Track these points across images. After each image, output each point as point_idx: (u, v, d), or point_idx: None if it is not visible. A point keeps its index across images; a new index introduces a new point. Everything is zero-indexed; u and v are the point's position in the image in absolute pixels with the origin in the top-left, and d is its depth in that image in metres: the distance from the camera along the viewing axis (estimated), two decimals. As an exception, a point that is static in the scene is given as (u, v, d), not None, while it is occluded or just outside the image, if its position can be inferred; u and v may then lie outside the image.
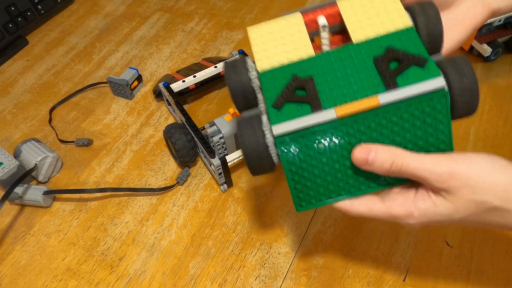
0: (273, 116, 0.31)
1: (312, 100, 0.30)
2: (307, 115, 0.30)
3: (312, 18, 0.35)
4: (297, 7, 0.81)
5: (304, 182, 0.32)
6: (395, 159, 0.29)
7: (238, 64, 0.34)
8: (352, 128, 0.30)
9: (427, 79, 0.29)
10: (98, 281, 0.48)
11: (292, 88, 0.31)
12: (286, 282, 0.47)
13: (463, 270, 0.46)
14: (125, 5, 0.87)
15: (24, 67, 0.76)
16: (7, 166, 0.55)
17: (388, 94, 0.29)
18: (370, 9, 0.33)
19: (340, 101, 0.30)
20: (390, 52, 0.31)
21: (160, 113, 0.66)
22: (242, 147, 0.31)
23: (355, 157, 0.30)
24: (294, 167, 0.31)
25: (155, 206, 0.54)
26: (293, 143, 0.30)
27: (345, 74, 0.31)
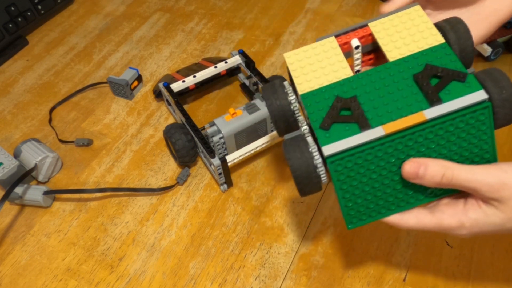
0: (322, 137, 0.31)
1: (359, 119, 0.31)
2: (355, 134, 0.31)
3: (345, 40, 0.36)
4: (297, 7, 0.82)
5: (354, 200, 0.32)
6: (445, 172, 0.30)
7: (277, 88, 0.35)
8: (400, 144, 0.31)
9: (469, 92, 0.30)
10: (98, 281, 0.48)
11: (337, 109, 0.32)
12: (286, 282, 0.47)
13: (463, 270, 0.46)
14: (125, 5, 0.87)
15: (24, 67, 0.76)
16: (7, 166, 0.55)
17: (433, 109, 0.30)
18: (402, 29, 0.35)
19: (387, 119, 0.31)
20: (429, 68, 0.32)
21: (160, 113, 0.66)
22: (291, 170, 0.32)
23: (406, 172, 0.31)
24: (345, 186, 0.32)
25: (155, 206, 0.54)
26: (343, 162, 0.31)
27: (387, 92, 0.32)
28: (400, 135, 0.30)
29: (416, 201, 0.33)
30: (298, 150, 0.32)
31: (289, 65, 0.36)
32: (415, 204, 0.33)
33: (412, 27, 0.34)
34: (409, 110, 0.31)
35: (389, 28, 0.35)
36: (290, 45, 0.74)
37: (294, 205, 0.53)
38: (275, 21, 0.80)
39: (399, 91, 0.32)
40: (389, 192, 0.32)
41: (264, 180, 0.56)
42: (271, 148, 0.59)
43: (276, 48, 0.74)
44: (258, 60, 0.72)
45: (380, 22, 0.36)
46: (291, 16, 0.80)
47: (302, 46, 0.37)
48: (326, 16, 0.79)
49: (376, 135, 0.30)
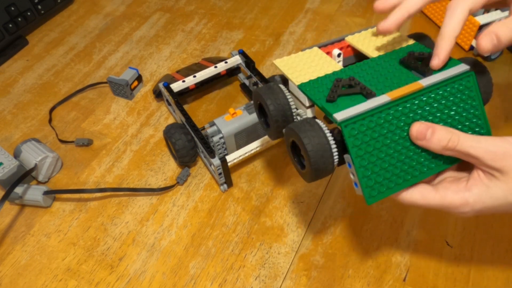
0: (331, 108, 0.33)
1: (362, 90, 0.33)
2: (362, 102, 0.32)
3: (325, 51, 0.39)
4: (297, 7, 0.82)
5: (371, 168, 0.32)
6: (451, 137, 0.31)
7: (274, 88, 0.37)
8: (406, 108, 0.33)
9: (452, 66, 0.34)
10: (98, 281, 0.48)
11: (339, 85, 0.34)
12: (286, 282, 0.47)
13: (463, 270, 0.46)
14: (125, 5, 0.87)
15: (24, 67, 0.76)
16: (7, 166, 0.55)
17: (426, 79, 0.34)
18: (378, 39, 0.39)
19: (387, 89, 0.33)
20: (412, 54, 0.36)
21: (160, 113, 0.66)
22: (308, 148, 0.31)
23: (415, 131, 0.32)
24: (361, 152, 0.32)
25: (155, 206, 0.54)
26: (357, 126, 0.32)
27: (380, 74, 0.35)
28: (404, 100, 0.33)
29: (428, 170, 0.33)
30: (312, 129, 0.32)
31: (281, 67, 0.38)
32: (428, 173, 0.33)
33: (387, 37, 0.39)
34: (406, 82, 0.34)
35: (365, 38, 0.39)
36: (290, 45, 0.74)
37: (294, 205, 0.53)
38: (275, 21, 0.80)
39: (390, 73, 0.35)
40: (403, 160, 0.33)
41: (264, 180, 0.56)
42: (271, 148, 0.59)
43: (276, 48, 0.74)
44: (258, 60, 0.72)
45: (355, 36, 0.40)
46: (291, 16, 0.80)
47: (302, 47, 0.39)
48: (326, 16, 0.79)
49: (382, 101, 0.32)
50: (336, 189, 0.54)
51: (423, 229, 0.49)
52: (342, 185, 0.54)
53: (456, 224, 0.49)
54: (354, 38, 0.40)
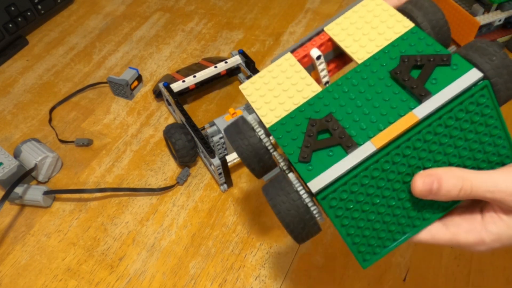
0: (304, 172, 0.26)
1: (342, 140, 0.26)
2: (342, 158, 0.26)
3: (303, 54, 0.32)
4: (297, 7, 0.82)
5: (361, 233, 0.27)
6: (463, 185, 0.26)
7: (241, 125, 0.30)
8: (398, 156, 0.26)
9: (460, 75, 0.26)
10: (98, 281, 0.48)
11: (314, 134, 0.27)
12: (286, 282, 0.46)
13: (463, 270, 0.46)
14: (125, 5, 0.87)
15: (24, 67, 0.76)
16: (7, 166, 0.55)
17: (423, 106, 0.26)
18: (362, 25, 0.30)
19: (373, 131, 0.26)
20: (406, 60, 0.27)
21: (160, 113, 0.66)
22: (279, 218, 0.27)
23: (418, 189, 0.26)
24: (346, 221, 0.27)
25: (155, 206, 0.54)
26: (337, 194, 0.26)
27: (365, 100, 0.27)
28: (395, 145, 0.26)
29: (432, 215, 0.28)
30: (282, 193, 0.27)
31: (247, 97, 0.31)
32: (431, 220, 0.28)
33: (373, 19, 0.30)
34: (396, 114, 0.26)
35: (348, 28, 0.31)
36: (290, 45, 0.74)
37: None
38: (275, 21, 0.80)
39: (378, 95, 0.27)
40: (400, 213, 0.27)
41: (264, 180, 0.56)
42: (271, 148, 0.59)
43: (276, 48, 0.74)
44: (258, 60, 0.72)
45: (335, 24, 0.31)
46: (291, 16, 0.80)
47: None
48: (326, 16, 0.79)
49: (366, 153, 0.26)
50: (336, 189, 0.54)
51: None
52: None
53: (456, 224, 0.49)
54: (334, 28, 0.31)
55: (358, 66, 0.29)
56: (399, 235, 0.28)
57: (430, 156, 0.26)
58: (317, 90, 0.29)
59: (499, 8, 0.63)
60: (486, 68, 0.26)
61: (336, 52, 0.33)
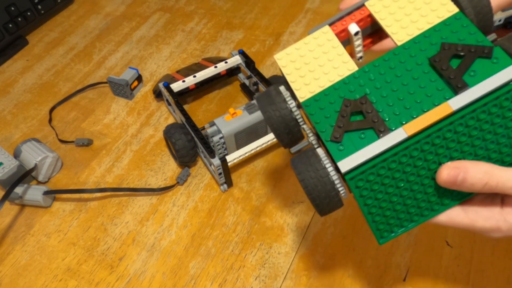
0: (335, 151, 0.27)
1: (375, 124, 0.27)
2: (373, 141, 0.26)
3: (341, 28, 0.32)
4: (297, 7, 0.82)
5: (382, 213, 0.28)
6: (488, 180, 0.26)
7: (273, 95, 0.31)
8: (427, 144, 0.26)
9: (499, 70, 0.25)
10: (98, 281, 0.48)
11: (347, 114, 0.28)
12: (286, 282, 0.47)
13: (463, 270, 0.46)
14: (125, 5, 0.87)
15: (24, 67, 0.76)
16: (7, 166, 0.55)
17: (459, 97, 0.26)
18: (405, 4, 0.30)
19: (406, 118, 0.26)
20: (447, 47, 0.27)
21: (160, 113, 0.66)
22: (306, 192, 0.28)
23: (442, 179, 0.27)
24: (369, 200, 0.28)
25: (155, 206, 0.54)
26: (365, 176, 0.27)
27: (401, 84, 0.27)
28: (426, 134, 0.26)
29: (451, 201, 0.28)
30: (311, 168, 0.28)
31: (282, 68, 0.31)
32: (450, 205, 0.28)
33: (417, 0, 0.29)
34: (431, 103, 0.26)
35: (390, 5, 0.30)
36: (290, 45, 0.74)
37: (294, 205, 0.53)
38: (275, 21, 0.80)
39: (415, 81, 0.27)
40: (421, 198, 0.28)
41: (264, 180, 0.56)
42: (271, 148, 0.59)
43: (276, 48, 0.74)
44: (258, 60, 0.72)
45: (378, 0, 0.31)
46: (291, 16, 0.80)
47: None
48: (326, 16, 0.79)
49: (397, 139, 0.26)
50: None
51: (423, 229, 0.49)
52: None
53: (456, 224, 0.49)
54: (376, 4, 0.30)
55: (397, 48, 0.29)
56: (417, 217, 0.29)
57: (458, 147, 0.27)
58: (354, 69, 0.29)
59: (499, 8, 0.63)
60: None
61: (374, 28, 0.33)
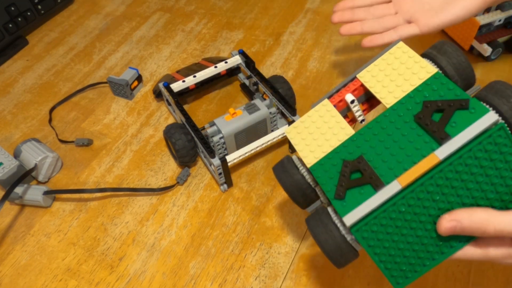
0: (339, 207, 0.31)
1: (371, 179, 0.30)
2: (372, 196, 0.30)
3: (338, 99, 0.36)
4: (297, 7, 0.82)
5: (393, 260, 0.31)
6: (486, 229, 0.27)
7: (286, 165, 0.36)
8: (422, 192, 0.29)
9: (477, 119, 0.28)
10: (98, 281, 0.48)
11: (347, 174, 0.31)
12: (286, 282, 0.47)
13: (463, 270, 0.46)
14: (125, 5, 0.87)
15: (24, 67, 0.76)
16: (7, 166, 0.55)
17: (443, 147, 0.28)
18: (390, 72, 0.34)
19: (399, 171, 0.29)
20: (428, 105, 0.30)
21: (160, 113, 0.66)
22: (320, 247, 0.32)
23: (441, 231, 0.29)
24: (378, 249, 0.30)
25: (155, 206, 0.54)
26: (369, 227, 0.30)
27: (392, 142, 0.31)
28: (419, 183, 0.29)
29: (459, 243, 0.30)
30: (321, 225, 0.32)
31: (291, 140, 0.36)
32: (458, 247, 0.30)
33: (400, 66, 0.34)
34: (420, 155, 0.29)
35: (377, 74, 0.34)
36: (290, 45, 0.74)
37: (294, 205, 0.53)
38: (275, 21, 0.80)
39: (404, 137, 0.31)
40: (427, 242, 0.30)
41: (264, 180, 0.56)
42: (271, 148, 0.59)
43: (276, 48, 0.74)
44: (258, 60, 0.72)
45: (367, 71, 0.35)
46: (291, 16, 0.80)
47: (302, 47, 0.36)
48: (326, 16, 0.79)
49: (393, 191, 0.29)
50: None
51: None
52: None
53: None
54: (366, 75, 0.35)
55: (387, 110, 0.32)
56: (429, 261, 0.30)
57: (453, 192, 0.29)
58: (351, 133, 0.33)
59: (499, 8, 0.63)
60: (504, 109, 0.29)
61: (368, 95, 0.37)
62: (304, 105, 0.63)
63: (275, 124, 0.55)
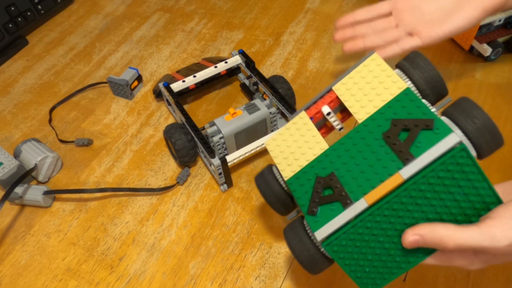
0: (312, 223, 0.33)
1: (341, 197, 0.32)
2: (340, 213, 0.31)
3: (315, 110, 0.37)
4: (297, 7, 0.82)
5: (362, 270, 0.32)
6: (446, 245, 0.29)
7: (266, 176, 0.38)
8: (388, 210, 0.30)
9: (439, 140, 0.29)
10: (98, 281, 0.48)
11: (320, 190, 0.33)
12: (286, 282, 0.47)
13: (463, 270, 0.46)
14: (125, 5, 0.87)
15: (24, 67, 0.76)
16: (7, 166, 0.55)
17: (407, 168, 0.30)
18: (364, 85, 0.35)
19: (367, 188, 0.31)
20: (396, 124, 0.32)
21: (160, 113, 0.66)
22: (295, 256, 0.34)
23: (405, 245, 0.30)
24: (348, 261, 0.32)
25: (155, 206, 0.54)
26: (339, 241, 0.32)
27: (362, 159, 0.32)
28: (385, 201, 0.30)
29: (424, 254, 0.31)
30: (296, 237, 0.34)
31: (270, 152, 0.38)
32: (424, 257, 0.31)
33: (373, 80, 0.34)
34: (386, 173, 0.30)
35: (351, 88, 0.35)
36: (290, 45, 0.74)
37: None
38: (275, 21, 0.80)
39: (373, 154, 0.32)
40: (395, 253, 0.32)
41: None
42: (271, 148, 0.59)
43: (276, 48, 0.74)
44: (258, 60, 0.72)
45: (341, 83, 0.36)
46: (291, 16, 0.80)
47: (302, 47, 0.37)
48: (326, 16, 0.79)
49: (360, 209, 0.31)
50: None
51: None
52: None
53: (456, 224, 0.49)
54: (341, 88, 0.36)
55: (358, 126, 0.34)
56: (396, 270, 0.32)
57: (418, 208, 0.30)
58: (325, 147, 0.35)
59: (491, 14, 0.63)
60: (469, 129, 0.30)
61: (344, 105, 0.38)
62: (304, 105, 0.63)
63: (275, 124, 0.55)
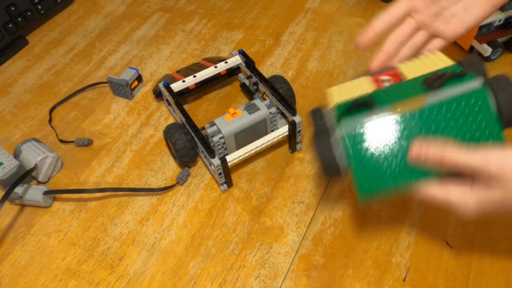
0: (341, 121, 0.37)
1: (370, 103, 0.37)
2: (366, 111, 0.36)
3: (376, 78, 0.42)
4: (297, 7, 0.82)
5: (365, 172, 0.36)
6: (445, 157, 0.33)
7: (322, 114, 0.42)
8: (405, 123, 0.35)
9: (464, 82, 0.35)
10: (98, 281, 0.48)
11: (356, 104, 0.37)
12: (286, 282, 0.47)
13: (463, 270, 0.46)
14: (125, 5, 0.87)
15: (24, 67, 0.76)
16: (7, 166, 0.55)
17: (432, 93, 0.35)
18: (421, 65, 0.41)
19: (394, 101, 0.36)
20: (435, 73, 0.37)
21: (160, 113, 0.66)
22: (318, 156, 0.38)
23: (411, 155, 0.35)
24: (358, 156, 0.36)
25: (155, 206, 0.54)
26: (358, 135, 0.36)
27: (398, 89, 0.38)
28: (405, 115, 0.35)
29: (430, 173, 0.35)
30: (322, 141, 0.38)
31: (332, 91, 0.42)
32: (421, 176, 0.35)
33: (431, 63, 0.40)
34: (413, 94, 0.36)
35: (412, 66, 0.41)
36: (290, 45, 0.74)
37: (294, 205, 0.53)
38: (275, 21, 0.80)
39: (408, 87, 0.37)
40: (404, 163, 0.35)
41: (264, 180, 0.56)
42: (271, 148, 0.59)
43: (276, 48, 0.74)
44: (258, 60, 0.72)
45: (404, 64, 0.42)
46: (291, 16, 0.80)
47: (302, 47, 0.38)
48: (326, 16, 0.79)
49: (383, 111, 0.36)
50: (336, 189, 0.54)
51: (423, 229, 0.49)
52: (342, 185, 0.54)
53: (456, 225, 0.49)
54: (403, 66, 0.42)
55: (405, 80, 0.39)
56: (401, 179, 0.36)
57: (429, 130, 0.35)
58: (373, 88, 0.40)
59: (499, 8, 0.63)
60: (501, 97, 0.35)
61: None
62: (304, 105, 0.63)
63: (275, 124, 0.55)
